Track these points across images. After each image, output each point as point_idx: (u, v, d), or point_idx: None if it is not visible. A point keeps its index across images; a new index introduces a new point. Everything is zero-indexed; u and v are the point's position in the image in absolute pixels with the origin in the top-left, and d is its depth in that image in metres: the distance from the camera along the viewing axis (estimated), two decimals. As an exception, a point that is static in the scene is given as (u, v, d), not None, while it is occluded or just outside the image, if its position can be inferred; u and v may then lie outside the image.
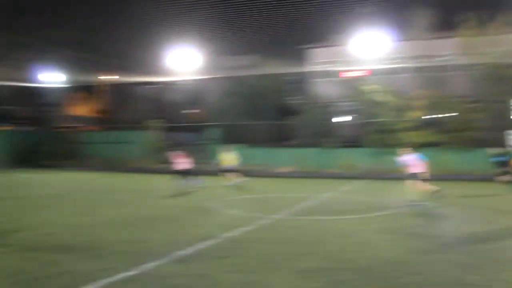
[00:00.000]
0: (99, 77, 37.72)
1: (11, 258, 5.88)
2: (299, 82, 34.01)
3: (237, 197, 13.68)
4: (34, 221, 8.92)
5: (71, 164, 29.01)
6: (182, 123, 31.09)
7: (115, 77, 38.50)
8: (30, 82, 35.26)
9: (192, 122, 33.20)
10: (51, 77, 34.04)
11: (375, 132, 24.26)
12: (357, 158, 24.25)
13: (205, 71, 31.11)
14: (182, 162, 15.22)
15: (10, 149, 29.80)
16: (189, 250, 6.35)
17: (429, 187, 12.23)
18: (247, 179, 17.29)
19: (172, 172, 15.15)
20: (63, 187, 17.07)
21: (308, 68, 32.83)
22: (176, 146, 29.33)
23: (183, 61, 30.24)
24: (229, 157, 17.16)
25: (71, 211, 10.47)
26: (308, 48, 33.54)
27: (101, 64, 37.03)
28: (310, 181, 20.90)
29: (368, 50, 27.33)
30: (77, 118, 44.73)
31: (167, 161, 28.37)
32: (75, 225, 8.49)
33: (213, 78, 31.88)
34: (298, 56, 33.29)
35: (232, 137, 28.35)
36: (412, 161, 12.41)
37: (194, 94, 35.58)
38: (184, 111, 31.52)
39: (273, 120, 28.20)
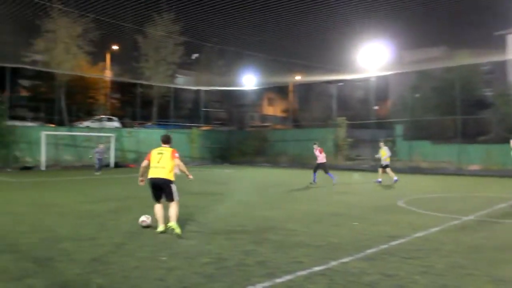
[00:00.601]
0: (287, 78, 47.16)
1: (212, 245, 7.31)
2: (494, 72, 36.62)
3: (423, 196, 15.07)
4: (228, 213, 10.93)
5: (261, 161, 38.79)
6: (367, 120, 36.15)
7: (302, 77, 47.45)
8: (227, 85, 47.10)
9: (377, 118, 38.50)
10: (245, 80, 44.78)
11: None
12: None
13: (390, 66, 35.53)
14: (321, 157, 19.38)
15: (209, 147, 41.64)
16: (377, 248, 7.17)
17: None
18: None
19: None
20: (254, 182, 20.96)
21: (508, 56, 34.87)
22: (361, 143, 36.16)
23: (369, 57, 34.62)
24: (386, 153, 20.29)
25: (264, 205, 12.60)
26: (508, 33, 36.05)
27: (289, 65, 46.80)
28: (504, 181, 21.87)
29: None
30: (267, 117, 56.53)
31: (352, 158, 35.40)
32: (268, 217, 10.23)
33: (398, 73, 36.73)
34: (495, 43, 35.70)
35: (418, 133, 33.62)
36: None
37: (379, 90, 40.97)
38: (369, 108, 37.00)
39: (463, 114, 29.97)
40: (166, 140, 8.90)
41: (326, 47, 36.62)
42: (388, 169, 20.32)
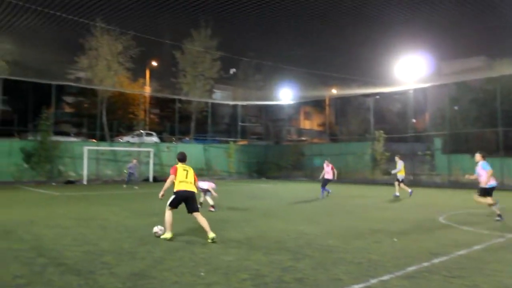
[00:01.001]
0: (324, 91, 47.05)
1: (250, 260, 7.15)
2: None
3: (465, 211, 14.84)
4: (266, 228, 10.77)
5: (298, 175, 38.65)
6: (405, 133, 35.66)
7: (338, 90, 47.23)
8: (264, 100, 47.32)
9: (415, 131, 37.97)
10: (281, 94, 44.89)
11: None
12: None
13: (428, 78, 35.14)
14: (331, 173, 20.17)
15: (246, 161, 41.81)
16: (418, 266, 7.01)
17: None
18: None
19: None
20: (292, 197, 20.69)
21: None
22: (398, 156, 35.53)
23: (406, 69, 34.29)
24: (401, 167, 20.66)
25: (302, 220, 12.42)
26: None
27: (325, 78, 46.71)
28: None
29: None
30: (304, 132, 56.42)
31: (390, 173, 34.74)
32: (307, 233, 10.10)
33: (436, 85, 36.12)
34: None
35: (458, 147, 32.82)
36: None
37: (417, 102, 40.44)
38: (407, 121, 36.51)
39: (504, 126, 29.22)
40: (183, 158, 9.63)
41: (363, 60, 36.54)
42: (401, 184, 20.47)
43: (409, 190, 20.34)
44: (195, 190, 9.28)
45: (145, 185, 28.38)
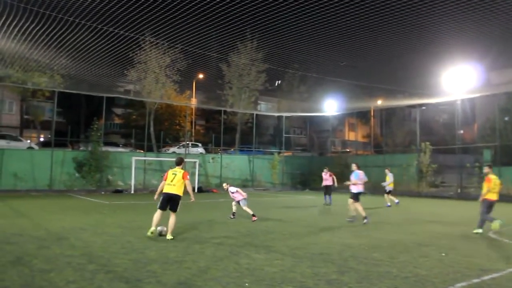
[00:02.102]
0: (369, 102, 46.47)
1: (295, 272, 7.09)
2: None
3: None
4: (311, 239, 10.69)
5: (343, 187, 38.09)
6: (452, 145, 34.86)
7: (384, 101, 46.53)
8: (308, 111, 47.20)
9: (463, 143, 36.84)
10: (326, 105, 44.61)
11: None
12: None
13: (476, 88, 33.92)
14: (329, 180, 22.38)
15: (290, 173, 41.66)
16: (468, 282, 6.79)
17: None
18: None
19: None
20: (336, 209, 20.09)
21: None
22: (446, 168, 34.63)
23: (454, 79, 33.17)
24: (391, 179, 22.43)
25: (347, 232, 12.26)
26: None
27: (370, 89, 46.11)
28: None
29: None
30: (348, 143, 55.81)
31: (437, 185, 34.01)
32: (352, 245, 9.96)
33: (485, 95, 34.93)
34: None
35: (509, 158, 31.61)
36: None
37: (464, 113, 39.29)
38: (454, 132, 35.51)
39: None
40: (179, 162, 10.92)
41: (409, 70, 35.71)
42: (389, 195, 22.23)
43: (396, 200, 22.41)
44: (178, 192, 10.50)
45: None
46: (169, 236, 10.39)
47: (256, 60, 38.24)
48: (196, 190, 33.01)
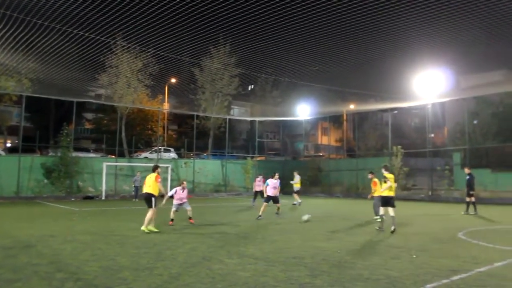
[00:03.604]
0: (341, 107, 46.96)
1: (267, 277, 7.03)
2: None
3: (485, 227, 14.76)
4: (284, 244, 10.66)
5: (316, 191, 38.41)
6: (423, 148, 35.27)
7: (356, 106, 47.09)
8: (282, 116, 47.38)
9: (434, 146, 37.46)
10: (299, 110, 44.88)
11: None
12: None
13: (446, 92, 34.56)
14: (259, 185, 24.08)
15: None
16: (438, 283, 6.87)
17: None
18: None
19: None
20: (309, 213, 18.52)
21: None
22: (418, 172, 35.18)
23: (425, 84, 33.53)
24: (297, 180, 25.67)
25: (320, 236, 12.31)
26: None
27: (343, 94, 46.59)
28: None
29: None
30: (321, 147, 56.25)
31: (409, 188, 34.50)
32: (325, 249, 9.99)
33: (455, 99, 35.67)
34: None
35: (478, 161, 32.33)
36: None
37: (435, 117, 40.02)
38: (425, 136, 36.11)
39: None
40: (153, 169, 13.58)
41: (381, 75, 36.17)
42: (296, 194, 25.25)
43: (299, 200, 24.79)
44: (150, 191, 12.98)
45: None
46: (143, 228, 12.76)
47: (229, 64, 38.22)
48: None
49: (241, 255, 9.23)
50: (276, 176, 18.90)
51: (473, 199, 19.79)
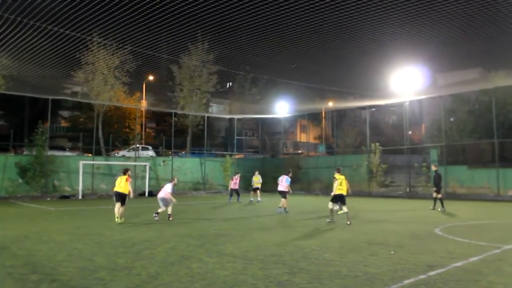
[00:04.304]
0: (320, 104, 47.19)
1: (246, 275, 6.98)
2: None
3: (461, 223, 14.91)
4: (263, 242, 10.61)
5: (295, 189, 38.40)
6: (401, 145, 35.61)
7: (335, 103, 47.39)
8: (260, 113, 47.42)
9: (412, 143, 37.97)
10: (278, 108, 44.98)
11: None
12: None
13: (423, 90, 34.98)
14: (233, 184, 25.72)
15: (243, 175, 41.52)
16: (415, 279, 6.98)
17: None
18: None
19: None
20: (289, 210, 19.55)
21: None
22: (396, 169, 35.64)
23: (402, 81, 33.94)
24: (258, 178, 27.28)
25: (299, 233, 12.33)
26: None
27: (322, 91, 46.80)
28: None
29: None
30: (300, 145, 56.47)
31: (387, 185, 34.95)
32: (303, 246, 10.00)
33: (432, 97, 36.17)
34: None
35: (454, 158, 32.91)
36: None
37: (412, 115, 40.52)
38: (402, 133, 36.53)
39: (501, 137, 29.38)
40: (124, 172, 15.61)
41: (359, 73, 36.45)
42: (258, 192, 26.72)
43: (259, 198, 26.37)
44: (123, 191, 15.05)
45: (141, 199, 28.24)
46: (118, 220, 14.87)
47: (207, 61, 38.06)
48: (146, 194, 32.52)
49: (220, 253, 9.21)
50: (290, 174, 20.66)
51: (439, 195, 20.13)
